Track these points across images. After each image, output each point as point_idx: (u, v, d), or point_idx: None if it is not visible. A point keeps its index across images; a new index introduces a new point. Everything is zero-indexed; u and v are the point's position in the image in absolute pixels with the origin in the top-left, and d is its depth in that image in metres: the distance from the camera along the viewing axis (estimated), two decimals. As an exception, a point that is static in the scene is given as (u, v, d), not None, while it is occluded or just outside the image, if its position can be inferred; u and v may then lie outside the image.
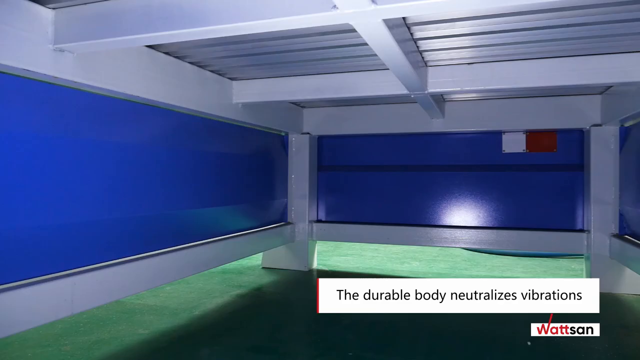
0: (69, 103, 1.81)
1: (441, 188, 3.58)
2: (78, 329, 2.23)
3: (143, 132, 2.23)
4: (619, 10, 1.66)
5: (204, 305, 2.69)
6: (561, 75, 2.27)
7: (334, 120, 3.69)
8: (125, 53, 1.91)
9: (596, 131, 3.04)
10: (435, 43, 2.08)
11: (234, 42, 2.07)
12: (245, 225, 3.17)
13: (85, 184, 1.87)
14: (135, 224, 2.15)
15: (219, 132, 2.88)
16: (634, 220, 2.79)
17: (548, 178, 3.34)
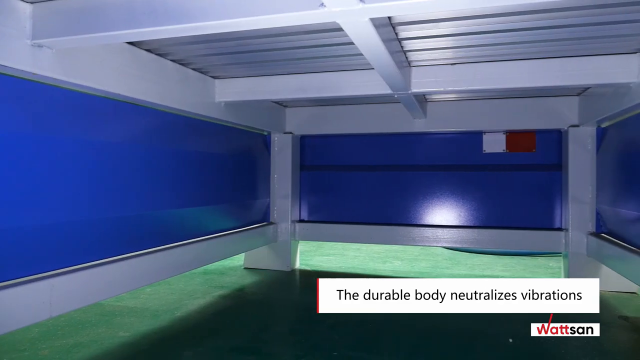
0: (47, 100, 1.76)
1: (423, 188, 3.61)
2: (56, 332, 2.18)
3: (124, 130, 2.19)
4: (598, 13, 1.70)
5: (186, 307, 2.65)
6: (542, 77, 2.31)
7: (317, 119, 3.69)
8: (106, 50, 1.87)
9: (574, 132, 3.10)
10: (419, 43, 2.09)
11: (217, 39, 2.05)
12: (227, 225, 3.14)
13: (63, 184, 1.82)
14: (115, 225, 2.10)
15: (201, 131, 2.85)
16: (610, 219, 2.86)
17: (527, 178, 3.40)
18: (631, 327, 2.32)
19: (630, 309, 2.62)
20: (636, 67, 2.15)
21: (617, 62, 2.19)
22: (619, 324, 2.36)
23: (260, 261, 3.73)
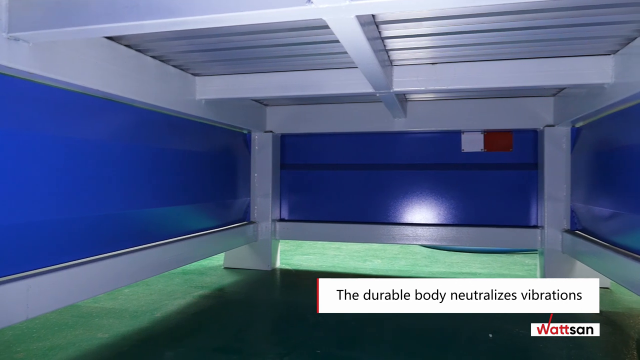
0: (22, 95, 1.71)
1: (403, 186, 3.64)
2: (31, 335, 2.11)
3: (102, 128, 2.14)
4: (573, 15, 1.75)
5: (166, 307, 2.61)
6: (519, 77, 2.36)
7: (297, 118, 3.68)
8: (84, 44, 1.83)
9: (549, 131, 3.18)
10: (401, 42, 2.11)
11: (199, 36, 2.02)
12: (206, 224, 3.10)
13: (39, 182, 1.77)
14: (92, 224, 2.05)
15: (181, 129, 2.81)
16: (584, 217, 2.94)
17: (504, 176, 3.47)
18: (605, 321, 2.39)
19: (604, 304, 2.69)
20: (610, 68, 2.22)
21: (591, 64, 2.25)
22: (593, 319, 2.43)
23: (241, 261, 3.70)
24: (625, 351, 2.00)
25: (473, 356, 1.97)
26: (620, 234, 2.35)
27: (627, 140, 2.26)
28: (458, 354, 2.00)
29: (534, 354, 1.99)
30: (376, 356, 1.97)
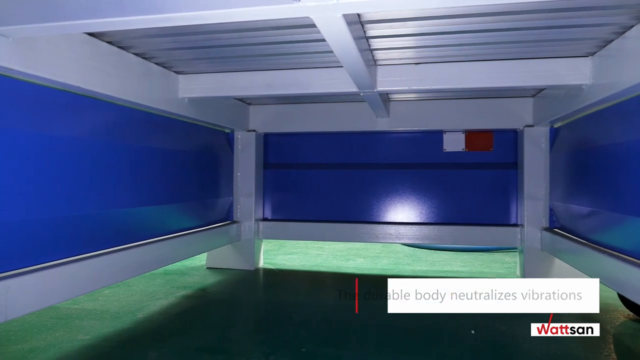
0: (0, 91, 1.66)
1: (386, 185, 3.67)
2: (9, 337, 2.06)
3: (82, 125, 2.10)
4: (553, 17, 1.79)
5: (148, 308, 2.58)
6: (499, 77, 2.39)
7: (281, 117, 3.67)
8: (65, 40, 1.79)
9: (529, 131, 3.24)
10: (386, 42, 2.12)
11: (183, 33, 2.00)
12: (189, 224, 3.07)
13: (16, 180, 1.73)
14: (72, 224, 2.01)
15: (163, 127, 2.77)
16: (562, 215, 3.00)
17: (485, 176, 3.52)
18: (581, 318, 2.44)
19: (581, 300, 2.76)
20: (588, 70, 2.27)
21: (570, 65, 2.30)
22: (570, 314, 2.48)
23: (224, 261, 3.68)
24: (603, 346, 2.05)
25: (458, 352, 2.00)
26: (597, 231, 2.41)
27: (604, 140, 2.32)
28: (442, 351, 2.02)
29: (512, 350, 2.03)
30: (361, 353, 1.98)
